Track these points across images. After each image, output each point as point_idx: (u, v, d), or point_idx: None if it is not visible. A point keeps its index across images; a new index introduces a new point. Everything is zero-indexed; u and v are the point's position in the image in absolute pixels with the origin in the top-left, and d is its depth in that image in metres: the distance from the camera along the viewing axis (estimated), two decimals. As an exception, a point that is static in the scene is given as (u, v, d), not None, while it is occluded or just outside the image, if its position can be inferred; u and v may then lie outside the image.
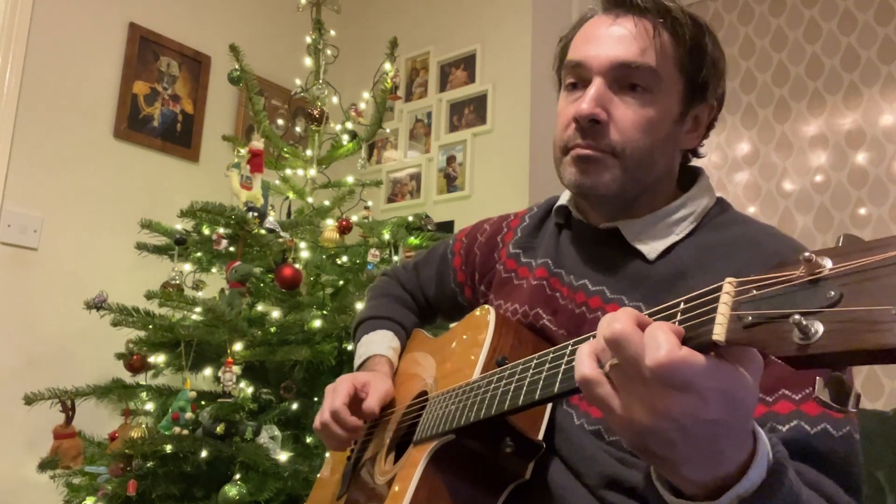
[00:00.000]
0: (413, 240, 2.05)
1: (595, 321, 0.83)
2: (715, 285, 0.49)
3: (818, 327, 0.40)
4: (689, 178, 0.91)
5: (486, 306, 0.91)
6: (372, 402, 0.96)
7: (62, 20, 2.43)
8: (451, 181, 2.85)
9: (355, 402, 0.97)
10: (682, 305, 0.51)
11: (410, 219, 2.17)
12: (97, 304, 1.80)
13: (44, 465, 1.90)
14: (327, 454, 1.24)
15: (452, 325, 1.45)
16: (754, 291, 0.46)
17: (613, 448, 0.76)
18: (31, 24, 2.33)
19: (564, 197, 0.96)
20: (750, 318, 0.44)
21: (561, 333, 0.87)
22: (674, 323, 0.50)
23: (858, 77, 2.36)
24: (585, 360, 0.53)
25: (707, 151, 0.92)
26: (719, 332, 0.46)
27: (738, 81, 2.61)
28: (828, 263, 0.42)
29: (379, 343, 1.11)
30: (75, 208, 2.42)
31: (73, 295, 2.01)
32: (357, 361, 1.12)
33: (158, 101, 2.68)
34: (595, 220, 0.90)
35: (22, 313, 2.27)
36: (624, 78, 0.81)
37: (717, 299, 0.48)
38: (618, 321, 0.50)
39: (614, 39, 0.82)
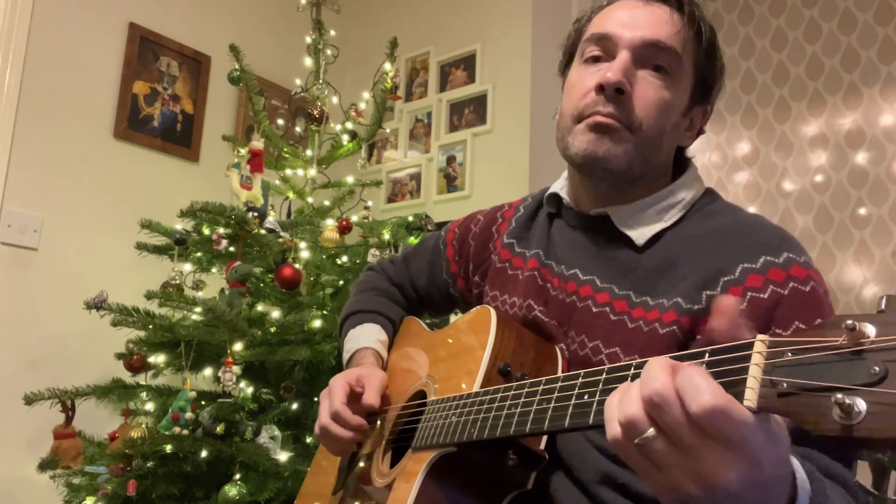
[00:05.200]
0: (413, 240, 2.05)
1: (585, 310, 0.84)
2: (745, 341, 0.45)
3: (861, 406, 0.37)
4: (680, 169, 0.92)
5: (488, 306, 0.90)
6: (370, 396, 0.94)
7: (62, 20, 2.43)
8: (451, 181, 2.85)
9: (353, 399, 0.95)
10: (707, 357, 0.47)
11: (410, 219, 2.17)
12: (97, 304, 1.80)
13: (44, 465, 1.90)
14: None
15: (438, 319, 1.44)
16: (789, 355, 0.42)
17: (605, 442, 0.75)
18: (31, 24, 2.33)
19: (556, 185, 0.97)
20: (785, 385, 0.41)
21: (552, 324, 0.87)
22: None
23: (858, 77, 2.36)
24: (616, 427, 0.48)
25: (694, 151, 0.95)
26: (751, 398, 0.42)
27: (738, 81, 2.61)
28: (871, 332, 0.39)
29: (366, 336, 1.09)
30: (75, 208, 2.41)
31: (73, 295, 2.01)
32: (345, 356, 1.10)
33: (158, 101, 2.68)
34: (586, 206, 0.90)
35: (22, 313, 2.27)
36: (650, 57, 0.83)
37: (747, 358, 0.44)
38: (657, 380, 0.45)
39: (645, 19, 0.84)
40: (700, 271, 0.77)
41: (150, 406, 1.89)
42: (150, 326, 1.81)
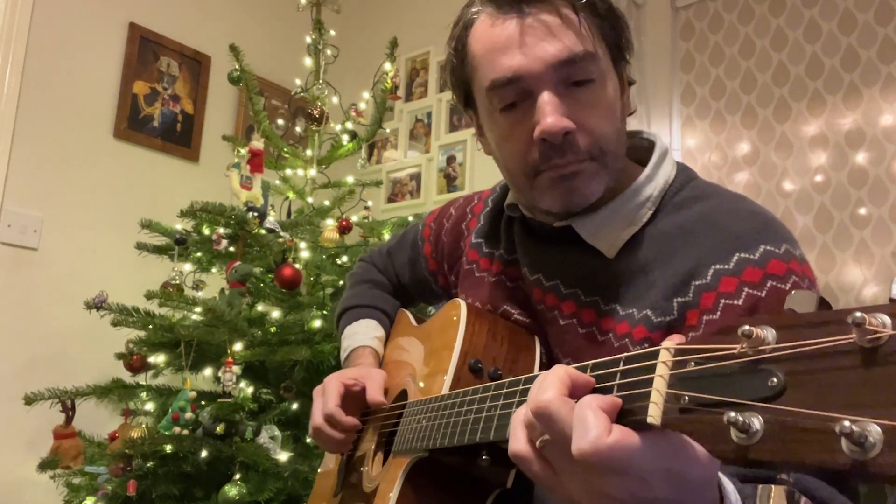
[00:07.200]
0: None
1: (553, 321, 0.81)
2: (653, 349, 0.43)
3: (757, 425, 0.34)
4: (642, 145, 0.83)
5: (458, 301, 0.87)
6: (374, 393, 0.92)
7: (62, 20, 2.43)
8: (451, 181, 2.85)
9: (348, 398, 0.93)
10: (621, 366, 0.45)
11: (410, 219, 2.17)
12: (97, 304, 1.80)
13: (44, 465, 1.90)
14: None
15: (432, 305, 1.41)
16: (693, 364, 0.39)
17: None
18: (31, 24, 2.33)
19: (512, 194, 0.88)
20: (686, 398, 0.39)
21: (533, 325, 0.85)
22: (613, 388, 0.45)
23: (858, 77, 2.36)
24: (518, 434, 0.49)
25: (635, 106, 0.84)
26: (654, 415, 0.40)
27: (738, 81, 2.61)
28: (770, 337, 0.35)
29: (363, 334, 1.07)
30: (75, 208, 2.41)
31: (73, 295, 2.01)
32: (343, 354, 1.09)
33: (158, 101, 2.68)
34: (547, 218, 0.82)
35: (22, 313, 2.27)
36: (568, 76, 0.72)
37: (653, 368, 0.42)
38: (546, 391, 0.46)
39: (540, 36, 0.71)
40: (670, 276, 0.71)
41: (150, 406, 1.89)
42: (150, 326, 1.81)
